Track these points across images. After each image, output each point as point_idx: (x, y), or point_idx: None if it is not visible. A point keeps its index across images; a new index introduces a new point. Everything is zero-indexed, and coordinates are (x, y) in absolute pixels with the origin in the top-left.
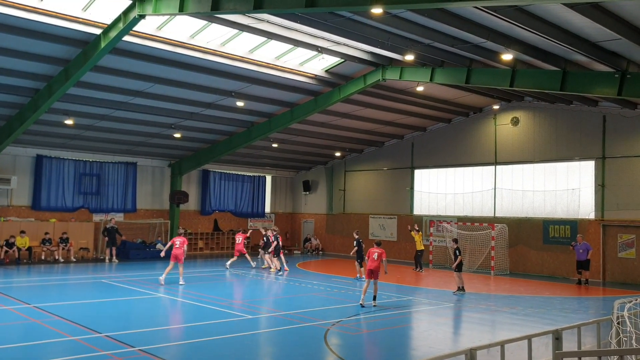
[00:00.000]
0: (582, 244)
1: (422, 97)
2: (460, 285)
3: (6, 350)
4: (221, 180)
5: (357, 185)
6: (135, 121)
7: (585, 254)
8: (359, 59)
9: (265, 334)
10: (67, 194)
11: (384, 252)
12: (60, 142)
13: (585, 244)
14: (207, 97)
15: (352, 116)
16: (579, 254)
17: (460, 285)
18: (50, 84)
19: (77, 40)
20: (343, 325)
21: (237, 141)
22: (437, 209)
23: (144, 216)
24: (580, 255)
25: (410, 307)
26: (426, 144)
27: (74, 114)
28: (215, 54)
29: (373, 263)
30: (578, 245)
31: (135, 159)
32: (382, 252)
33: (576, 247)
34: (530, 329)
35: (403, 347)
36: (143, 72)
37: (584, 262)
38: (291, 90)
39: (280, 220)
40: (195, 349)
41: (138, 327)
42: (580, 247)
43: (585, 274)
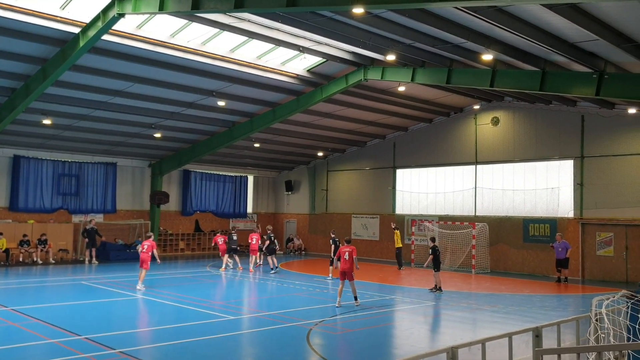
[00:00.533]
0: (562, 243)
1: (404, 97)
2: (438, 285)
3: None
4: (202, 181)
5: (340, 185)
6: (115, 121)
7: (564, 253)
8: (341, 59)
9: (247, 334)
10: (45, 194)
11: (354, 249)
12: (38, 142)
13: (565, 242)
14: (188, 97)
15: (335, 116)
16: (558, 252)
17: (438, 285)
18: (28, 83)
19: (55, 39)
20: (325, 325)
21: (218, 141)
22: (418, 208)
23: (124, 217)
24: (560, 254)
25: (392, 306)
26: (408, 144)
27: (53, 114)
28: (196, 53)
29: (345, 264)
30: (557, 243)
31: (115, 159)
32: (353, 249)
33: (555, 246)
34: (510, 326)
35: (385, 346)
36: (123, 71)
37: (563, 260)
38: (273, 89)
39: (263, 221)
40: (176, 350)
41: (118, 329)
42: (559, 246)
43: (564, 272)
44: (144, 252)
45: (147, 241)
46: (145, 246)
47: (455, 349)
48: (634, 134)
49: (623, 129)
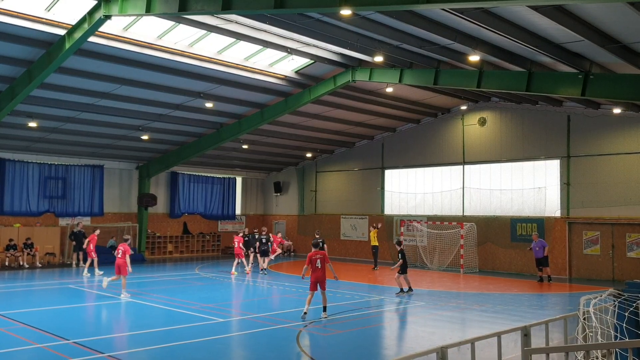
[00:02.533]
0: (538, 242)
1: (392, 98)
2: (405, 288)
3: None
4: (190, 183)
5: (329, 186)
6: (102, 123)
7: (542, 251)
8: (329, 60)
9: (237, 337)
10: (31, 198)
11: (326, 255)
12: (23, 145)
13: (541, 241)
14: (176, 99)
15: (323, 117)
16: (536, 252)
17: (405, 288)
18: (13, 86)
19: (40, 41)
20: (315, 326)
21: (206, 143)
22: (407, 209)
23: (112, 219)
24: (537, 253)
25: (381, 306)
26: (396, 145)
27: (38, 117)
28: (183, 54)
29: (316, 273)
30: (534, 243)
31: (102, 161)
32: (324, 255)
33: (532, 246)
34: (499, 326)
35: (375, 347)
36: (109, 73)
37: (542, 259)
38: (261, 91)
39: (252, 222)
40: (165, 353)
41: (107, 332)
42: (536, 245)
43: (545, 270)
44: (119, 257)
45: (122, 245)
46: (119, 251)
47: (445, 348)
48: (619, 134)
49: (609, 128)
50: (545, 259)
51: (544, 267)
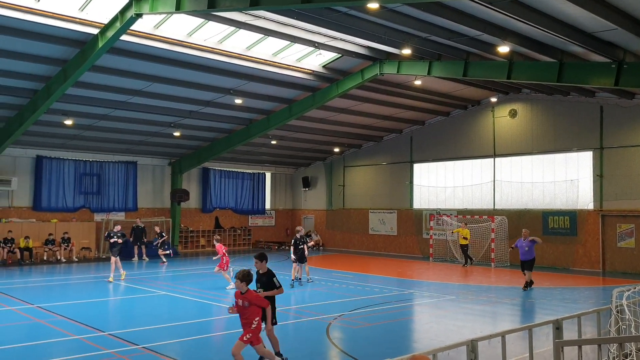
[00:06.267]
0: (527, 241)
1: (420, 90)
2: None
3: (11, 350)
4: (221, 178)
5: (357, 181)
6: (135, 120)
7: (532, 252)
8: (356, 54)
9: None
10: (67, 194)
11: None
12: (60, 143)
13: (533, 240)
14: (206, 95)
15: (350, 111)
16: (524, 252)
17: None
18: (49, 85)
19: (74, 41)
20: (345, 319)
21: (236, 139)
22: (436, 203)
23: (146, 215)
24: (526, 254)
25: (411, 300)
26: (425, 138)
27: (73, 114)
28: (213, 51)
29: None
30: (522, 242)
31: (136, 158)
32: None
33: (519, 245)
34: (530, 319)
35: (405, 340)
36: (141, 71)
37: (529, 261)
38: (289, 86)
39: (281, 217)
40: (198, 345)
41: (141, 324)
42: (525, 244)
43: (528, 274)
44: None
45: None
46: None
47: (475, 341)
48: None
49: None
50: (533, 261)
51: (528, 270)
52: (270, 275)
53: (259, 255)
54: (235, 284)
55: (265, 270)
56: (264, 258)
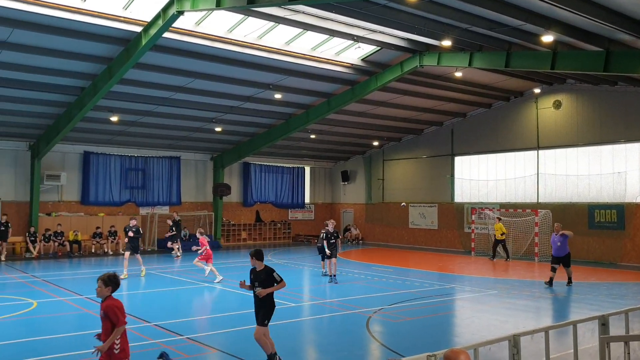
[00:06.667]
0: (559, 235)
1: (461, 82)
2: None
3: (61, 339)
4: (261, 172)
5: (396, 174)
6: (178, 116)
7: (565, 247)
8: (396, 46)
9: (308, 321)
10: (114, 188)
11: None
12: (106, 139)
13: (565, 235)
14: (246, 91)
15: (390, 104)
16: (557, 247)
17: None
18: (95, 82)
19: (119, 39)
20: (385, 312)
21: (275, 133)
22: (478, 196)
23: (189, 208)
24: (559, 250)
25: (452, 294)
26: (466, 130)
27: (119, 111)
28: (253, 47)
29: None
30: (555, 237)
31: (179, 153)
32: None
33: (552, 240)
34: (575, 315)
35: (446, 334)
36: (183, 67)
37: (563, 257)
38: (328, 80)
39: (320, 211)
40: (241, 336)
41: (186, 316)
42: (557, 239)
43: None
44: None
45: None
46: None
47: (517, 336)
48: None
49: None
50: (568, 257)
51: (566, 267)
52: (268, 271)
53: (254, 252)
54: (97, 289)
55: (262, 267)
56: (259, 255)
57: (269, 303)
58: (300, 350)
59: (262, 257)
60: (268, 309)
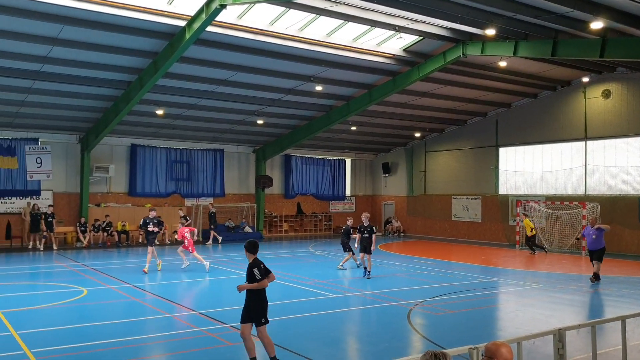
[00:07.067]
0: (594, 229)
1: (506, 72)
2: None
3: (110, 325)
4: (303, 165)
5: (439, 166)
6: (221, 109)
7: (600, 241)
8: (438, 36)
9: (348, 312)
10: (160, 180)
11: None
12: (152, 132)
13: (600, 227)
14: (287, 83)
15: (432, 95)
16: (592, 241)
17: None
18: (141, 76)
19: (164, 33)
20: (426, 305)
21: (316, 125)
22: (523, 188)
23: (232, 200)
24: (594, 243)
25: (496, 288)
26: (511, 121)
27: (164, 104)
28: (294, 39)
29: None
30: (590, 230)
31: (222, 145)
32: None
33: (586, 232)
34: (624, 310)
35: (489, 328)
36: (226, 60)
37: (599, 250)
38: (369, 71)
39: (361, 203)
40: (282, 325)
41: (229, 304)
42: (592, 232)
43: (596, 265)
44: None
45: None
46: None
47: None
48: None
49: None
50: (602, 251)
51: (597, 261)
52: (252, 265)
53: (246, 244)
54: None
55: (251, 260)
56: (249, 248)
57: (254, 300)
58: (340, 341)
59: (252, 249)
60: (260, 306)
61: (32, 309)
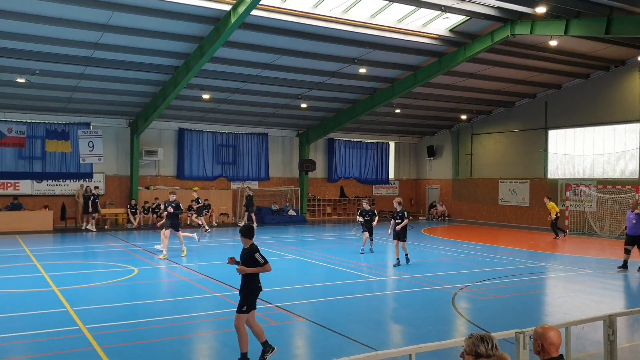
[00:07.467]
0: (635, 213)
1: (556, 51)
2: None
3: (160, 304)
4: (346, 148)
5: (485, 149)
6: (265, 93)
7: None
8: (486, 15)
9: (392, 295)
10: (207, 163)
11: None
12: (199, 116)
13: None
14: (331, 66)
15: (479, 76)
16: (632, 225)
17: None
18: (188, 61)
19: (209, 18)
20: (471, 289)
21: (360, 108)
22: (573, 172)
23: (276, 184)
24: (634, 228)
25: (543, 273)
26: (561, 102)
27: (210, 89)
28: (338, 21)
29: None
30: (631, 214)
31: (267, 129)
32: None
33: (628, 216)
34: None
35: (536, 313)
36: (270, 44)
37: (638, 236)
38: (414, 52)
39: (405, 187)
40: (326, 306)
41: (274, 285)
42: (633, 217)
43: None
44: None
45: None
46: None
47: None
48: None
49: None
50: None
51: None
52: (252, 250)
53: (241, 228)
54: None
55: (248, 245)
56: (246, 233)
57: (250, 286)
58: (383, 323)
59: (248, 234)
60: (248, 293)
61: (87, 287)
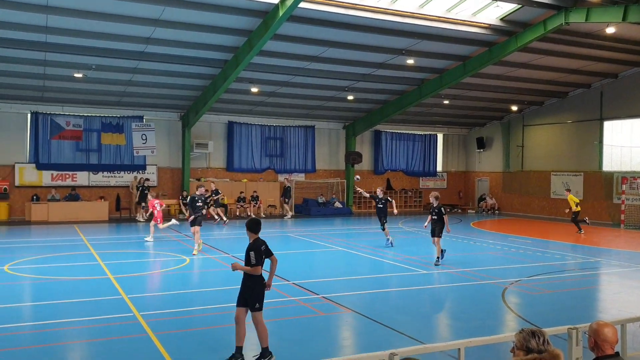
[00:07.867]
0: None
1: (613, 39)
2: None
3: (210, 292)
4: (392, 140)
5: (537, 141)
6: (312, 86)
7: None
8: (538, 3)
9: (440, 289)
10: (255, 156)
11: None
12: (247, 109)
13: None
14: (378, 57)
15: (531, 66)
16: None
17: None
18: (237, 55)
19: (257, 11)
20: (522, 284)
21: (407, 100)
22: (630, 165)
23: (323, 176)
24: None
25: (597, 268)
26: (618, 92)
27: (258, 82)
28: (386, 12)
29: None
30: None
31: (313, 122)
32: None
33: None
34: None
35: (588, 309)
36: (318, 37)
37: None
38: (463, 42)
39: (453, 179)
40: (373, 298)
41: (321, 276)
42: None
43: None
44: None
45: None
46: None
47: None
48: None
49: None
50: None
51: None
52: (251, 247)
53: (248, 222)
54: None
55: (251, 240)
56: (251, 227)
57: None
58: (431, 316)
59: (254, 228)
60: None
61: (141, 275)
